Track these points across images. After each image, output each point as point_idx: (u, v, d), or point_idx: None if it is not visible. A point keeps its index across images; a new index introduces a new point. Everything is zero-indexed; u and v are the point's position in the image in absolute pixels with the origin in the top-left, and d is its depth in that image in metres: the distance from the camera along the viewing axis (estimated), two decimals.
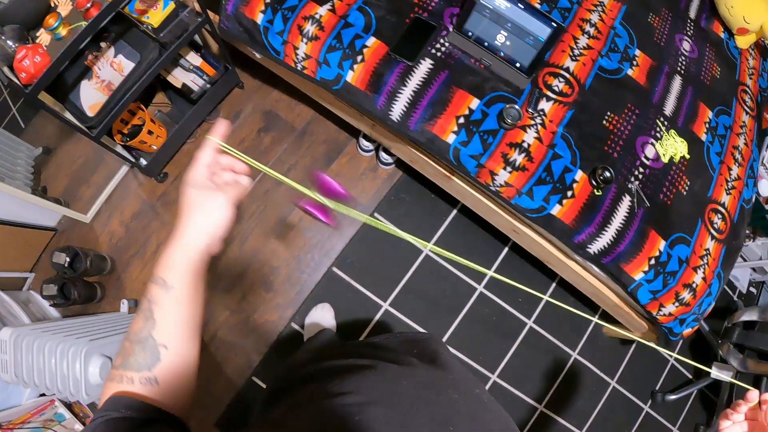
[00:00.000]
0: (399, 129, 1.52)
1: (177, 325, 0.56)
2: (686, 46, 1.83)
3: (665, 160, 1.61)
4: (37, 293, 1.96)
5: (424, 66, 1.49)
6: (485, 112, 1.46)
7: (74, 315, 1.95)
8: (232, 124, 0.54)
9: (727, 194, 1.72)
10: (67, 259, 1.88)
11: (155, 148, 1.88)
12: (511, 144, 1.46)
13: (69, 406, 1.79)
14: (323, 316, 1.92)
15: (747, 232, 2.27)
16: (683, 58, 1.80)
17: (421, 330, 2.07)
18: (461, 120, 1.46)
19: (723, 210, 1.69)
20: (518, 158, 1.46)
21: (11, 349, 1.55)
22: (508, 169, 1.46)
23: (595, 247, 1.52)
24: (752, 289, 2.54)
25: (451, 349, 2.06)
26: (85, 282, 1.96)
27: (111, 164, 2.08)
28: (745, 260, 2.36)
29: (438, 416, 0.55)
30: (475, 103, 1.47)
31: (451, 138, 1.47)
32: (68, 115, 1.69)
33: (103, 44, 1.73)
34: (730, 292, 2.48)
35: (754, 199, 1.89)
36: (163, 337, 0.55)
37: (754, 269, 2.44)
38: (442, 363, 0.79)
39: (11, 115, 2.18)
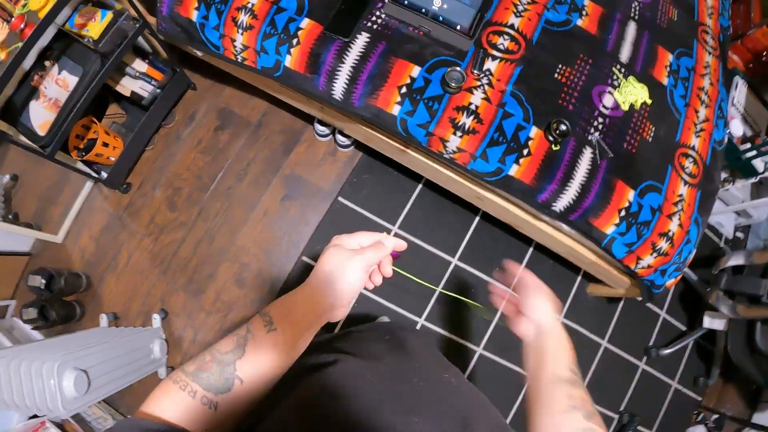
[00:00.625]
0: (344, 107, 1.43)
1: (262, 366, 0.52)
2: None
3: (625, 107, 1.50)
4: (19, 319, 1.90)
5: (361, 40, 1.39)
6: (427, 79, 1.36)
7: (57, 336, 1.88)
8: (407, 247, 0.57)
9: (697, 137, 1.60)
10: (43, 281, 1.82)
11: (113, 159, 1.81)
12: (458, 108, 1.36)
13: (60, 425, 1.72)
14: None
15: (725, 175, 2.15)
16: (636, 3, 1.68)
17: (405, 313, 1.99)
18: (403, 90, 1.36)
19: (694, 153, 1.58)
20: (467, 121, 1.36)
21: None
22: (458, 133, 1.36)
23: (560, 205, 1.42)
24: (739, 234, 2.41)
25: (433, 326, 1.99)
26: (63, 301, 1.90)
27: (75, 182, 2.00)
28: (727, 204, 2.24)
29: (402, 406, 0.54)
30: (416, 71, 1.37)
31: (395, 109, 1.37)
32: (22, 138, 1.63)
33: (47, 63, 1.66)
34: (717, 239, 2.36)
35: (726, 141, 1.77)
36: (244, 372, 0.51)
37: (738, 213, 2.31)
38: (409, 350, 0.78)
39: None
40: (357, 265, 0.57)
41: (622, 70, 1.53)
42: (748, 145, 2.03)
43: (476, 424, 0.56)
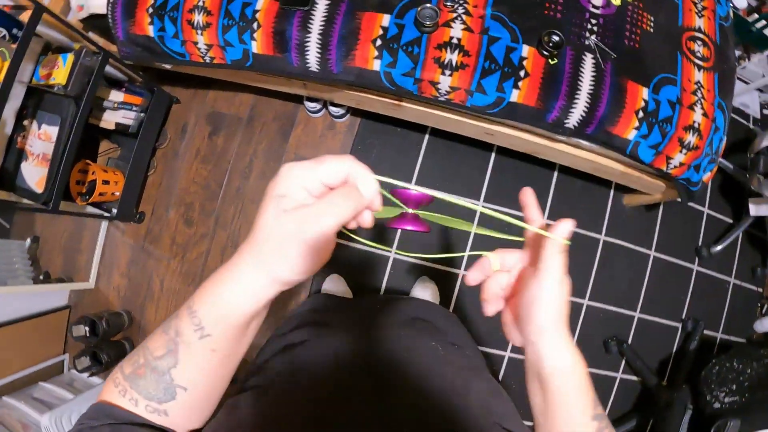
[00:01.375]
0: (324, 77, 1.31)
1: (204, 371, 0.41)
2: None
3: (617, 2, 1.34)
4: (75, 370, 1.88)
5: (322, 4, 1.26)
6: (400, 25, 1.23)
7: None
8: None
9: (700, 17, 1.43)
10: (86, 329, 1.80)
11: (118, 194, 1.75)
12: (440, 45, 1.23)
13: None
14: (337, 288, 1.76)
15: (739, 52, 1.95)
16: None
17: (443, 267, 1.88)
18: (378, 42, 1.23)
19: (701, 35, 1.41)
20: (453, 57, 1.22)
21: (55, 430, 1.51)
22: (447, 72, 1.23)
23: (573, 120, 1.28)
24: (767, 111, 2.20)
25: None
26: (111, 342, 1.88)
27: (91, 226, 1.96)
28: (747, 83, 2.04)
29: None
30: (386, 19, 1.24)
31: (376, 64, 1.25)
32: (26, 201, 1.57)
33: (25, 122, 1.59)
34: (745, 122, 2.15)
35: (732, 15, 1.58)
36: (184, 380, 0.40)
37: (761, 90, 2.11)
38: (398, 321, 0.74)
39: None
40: (324, 235, 0.35)
41: None
42: (756, 16, 1.83)
43: (464, 392, 0.52)
